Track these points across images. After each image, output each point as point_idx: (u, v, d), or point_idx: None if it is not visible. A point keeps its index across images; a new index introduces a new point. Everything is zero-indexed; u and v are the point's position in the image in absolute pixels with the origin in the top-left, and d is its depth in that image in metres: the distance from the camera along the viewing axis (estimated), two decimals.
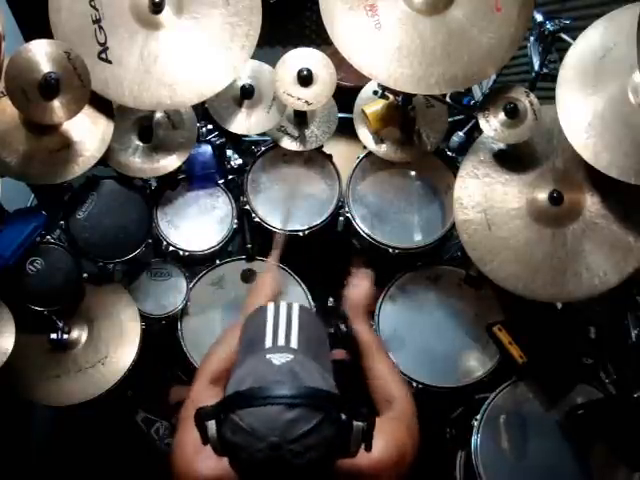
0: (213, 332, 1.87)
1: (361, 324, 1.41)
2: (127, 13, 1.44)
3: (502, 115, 1.49)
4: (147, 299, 1.82)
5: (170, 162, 1.67)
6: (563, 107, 1.39)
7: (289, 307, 0.99)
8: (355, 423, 0.85)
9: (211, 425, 0.85)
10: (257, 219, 1.84)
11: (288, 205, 1.86)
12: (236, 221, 1.84)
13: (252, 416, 0.81)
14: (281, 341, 0.93)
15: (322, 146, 1.85)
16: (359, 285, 1.53)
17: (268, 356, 0.89)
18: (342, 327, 1.46)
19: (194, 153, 1.75)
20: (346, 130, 1.83)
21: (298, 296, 1.89)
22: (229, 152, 1.91)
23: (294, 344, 0.93)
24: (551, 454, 1.59)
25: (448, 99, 2.03)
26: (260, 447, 0.80)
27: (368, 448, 0.88)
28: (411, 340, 1.80)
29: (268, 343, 0.93)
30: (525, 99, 1.49)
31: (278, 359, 0.88)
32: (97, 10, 1.41)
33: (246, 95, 1.74)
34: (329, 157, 1.89)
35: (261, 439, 0.80)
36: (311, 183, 1.90)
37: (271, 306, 1.00)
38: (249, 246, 1.92)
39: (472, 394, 1.77)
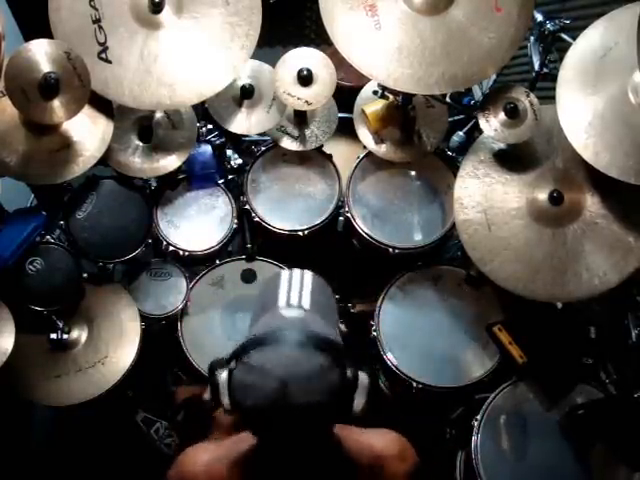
0: (213, 332, 1.87)
1: None
2: (127, 13, 1.44)
3: (502, 115, 1.49)
4: (147, 299, 1.82)
5: (170, 162, 1.67)
6: (563, 107, 1.39)
7: (302, 272, 1.02)
8: (360, 377, 0.87)
9: (223, 374, 0.88)
10: (257, 219, 1.84)
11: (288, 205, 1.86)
12: (236, 221, 1.84)
13: (263, 356, 0.85)
14: (294, 300, 0.96)
15: (322, 146, 1.85)
16: None
17: (280, 311, 0.93)
18: (342, 327, 1.46)
19: (194, 153, 1.75)
20: (346, 130, 1.83)
21: None
22: (229, 152, 1.91)
23: (306, 304, 0.95)
24: (551, 454, 1.59)
25: (448, 99, 2.03)
26: (268, 384, 0.82)
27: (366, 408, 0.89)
28: (411, 340, 1.80)
29: (281, 302, 0.96)
30: (525, 99, 1.49)
31: (290, 313, 0.92)
32: (97, 10, 1.42)
33: (246, 95, 1.74)
34: (329, 157, 1.89)
35: (270, 376, 0.82)
36: (311, 183, 1.90)
37: (285, 271, 1.03)
38: (249, 246, 1.92)
39: (472, 394, 1.77)
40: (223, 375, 0.89)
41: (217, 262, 1.89)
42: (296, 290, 0.98)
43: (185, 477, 1.00)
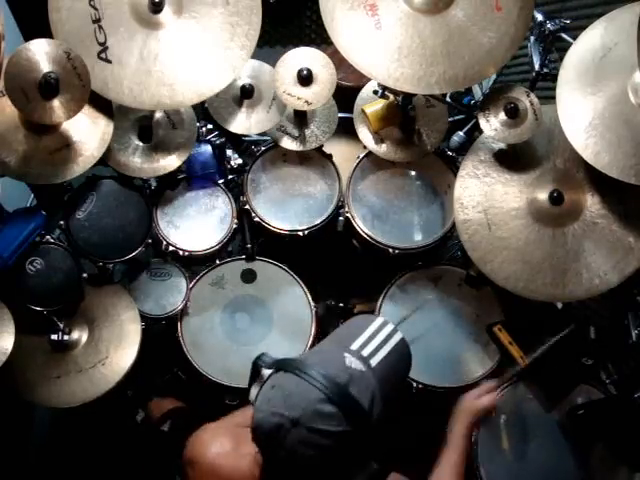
0: (213, 332, 1.87)
1: (461, 429, 1.38)
2: (127, 13, 1.44)
3: (502, 115, 1.49)
4: (147, 299, 1.82)
5: (170, 162, 1.67)
6: (563, 107, 1.38)
7: (393, 331, 0.99)
8: (369, 464, 0.88)
9: (265, 372, 0.92)
10: (257, 219, 1.84)
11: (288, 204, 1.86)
12: (236, 221, 1.84)
13: (296, 386, 0.86)
14: (365, 352, 0.94)
15: (322, 146, 1.85)
16: (483, 398, 1.47)
17: (346, 354, 0.92)
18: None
19: (194, 153, 1.75)
20: (346, 130, 1.83)
21: (298, 296, 1.89)
22: (229, 152, 1.91)
23: (374, 363, 0.93)
24: (551, 454, 1.59)
25: (448, 99, 2.03)
26: (282, 412, 0.84)
27: (383, 469, 0.91)
28: (411, 340, 1.79)
29: (354, 346, 0.94)
30: (525, 99, 1.49)
31: (351, 362, 0.90)
32: (97, 10, 1.41)
33: (246, 95, 1.74)
34: (329, 157, 1.89)
35: (288, 407, 0.84)
36: (311, 183, 1.90)
37: (379, 320, 1.01)
38: (249, 246, 1.92)
39: None
40: (265, 373, 0.92)
41: (217, 262, 1.89)
42: (376, 342, 0.96)
43: (194, 460, 1.04)
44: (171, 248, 1.79)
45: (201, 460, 1.04)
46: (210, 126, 1.87)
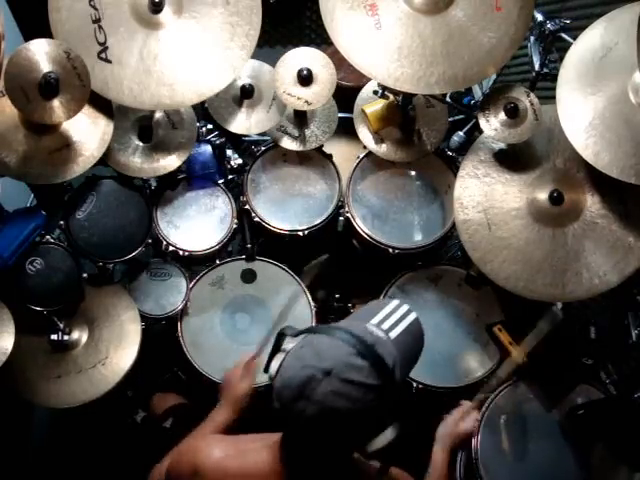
0: (213, 332, 1.87)
1: (442, 452, 1.38)
2: (127, 13, 1.44)
3: (502, 115, 1.49)
4: (147, 299, 1.82)
5: (170, 162, 1.67)
6: (563, 107, 1.38)
7: (408, 311, 1.02)
8: (394, 424, 0.90)
9: (289, 345, 0.95)
10: (257, 219, 1.84)
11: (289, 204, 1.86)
12: (236, 221, 1.84)
13: (326, 342, 0.90)
14: (385, 326, 0.97)
15: (322, 146, 1.85)
16: (463, 423, 1.49)
17: (367, 325, 0.95)
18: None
19: (194, 153, 1.75)
20: (346, 130, 1.83)
21: (298, 296, 1.89)
22: (229, 152, 1.91)
23: (393, 335, 0.96)
24: (551, 454, 1.59)
25: (448, 99, 2.03)
26: (313, 364, 0.87)
27: (382, 470, 0.93)
28: None
29: (374, 321, 0.97)
30: (525, 99, 1.49)
31: (373, 330, 0.94)
32: (97, 10, 1.41)
33: (246, 95, 1.74)
34: (329, 157, 1.89)
35: (320, 359, 0.87)
36: (311, 183, 1.90)
37: (395, 301, 1.04)
38: (249, 246, 1.92)
39: (472, 394, 1.77)
40: (290, 344, 0.95)
41: (217, 262, 1.89)
42: (393, 320, 0.98)
43: (199, 468, 1.03)
44: (171, 248, 1.79)
45: (207, 466, 1.03)
46: (210, 126, 1.87)
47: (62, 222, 1.62)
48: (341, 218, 1.92)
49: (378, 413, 0.89)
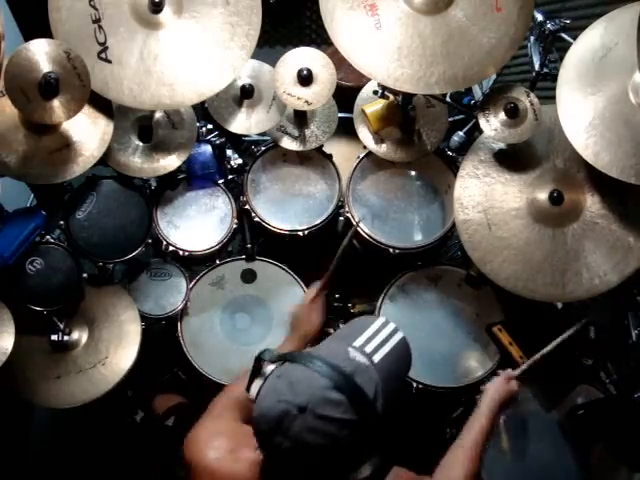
0: (213, 332, 1.87)
1: (490, 404, 1.38)
2: (127, 13, 1.44)
3: (502, 115, 1.49)
4: (147, 299, 1.82)
5: (170, 162, 1.67)
6: (563, 107, 1.38)
7: (394, 331, 1.01)
8: (372, 460, 0.89)
9: (268, 367, 0.93)
10: (257, 219, 1.84)
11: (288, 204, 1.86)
12: (236, 221, 1.84)
13: (302, 374, 0.88)
14: (368, 349, 0.95)
15: (322, 146, 1.85)
16: (512, 382, 1.47)
17: (349, 349, 0.93)
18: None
19: (194, 153, 1.75)
20: (346, 130, 1.83)
21: (298, 296, 1.88)
22: (229, 152, 1.91)
23: (376, 359, 0.94)
24: (551, 454, 1.59)
25: (448, 99, 2.03)
26: (288, 399, 0.85)
27: None
28: (411, 340, 1.77)
29: (357, 343, 0.96)
30: (525, 99, 1.49)
31: (355, 355, 0.92)
32: (97, 10, 1.41)
33: (246, 95, 1.74)
34: (329, 157, 1.89)
35: (295, 394, 0.85)
36: (311, 183, 1.90)
37: (381, 319, 1.02)
38: (249, 246, 1.92)
39: (472, 394, 1.77)
40: (269, 368, 0.93)
41: (217, 262, 1.89)
42: (378, 340, 0.97)
43: (192, 464, 1.05)
44: (171, 248, 1.79)
45: (199, 464, 1.04)
46: (210, 126, 1.87)
47: (62, 222, 1.62)
48: (341, 218, 1.92)
49: (355, 447, 0.87)
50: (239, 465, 1.03)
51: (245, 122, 1.75)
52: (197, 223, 1.83)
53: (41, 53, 1.28)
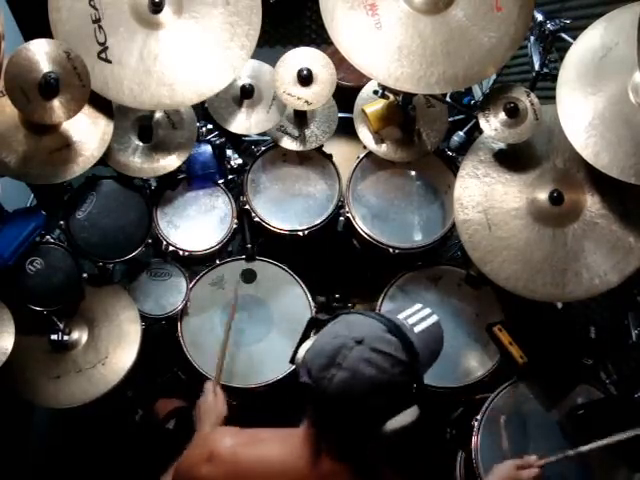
0: (213, 332, 1.87)
1: None
2: (127, 13, 1.44)
3: (502, 115, 1.49)
4: (147, 299, 1.82)
5: (170, 162, 1.67)
6: (563, 107, 1.38)
7: (430, 313, 1.09)
8: (413, 408, 0.95)
9: (323, 315, 1.02)
10: (257, 219, 1.84)
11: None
12: (236, 221, 1.84)
13: (358, 318, 0.97)
14: (411, 321, 1.03)
15: (322, 146, 1.85)
16: (525, 471, 1.30)
17: (397, 316, 1.02)
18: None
19: (194, 153, 1.75)
20: (346, 130, 1.83)
21: (298, 296, 1.88)
22: (229, 152, 1.91)
23: (417, 330, 1.02)
24: (551, 454, 1.59)
25: (448, 99, 2.03)
26: (345, 334, 0.91)
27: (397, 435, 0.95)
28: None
29: (402, 315, 1.04)
30: (525, 99, 1.49)
31: (402, 320, 1.01)
32: (97, 10, 1.41)
33: (246, 95, 1.74)
34: (329, 157, 1.89)
35: (352, 330, 0.92)
36: (311, 183, 1.90)
37: (417, 304, 1.10)
38: (249, 246, 1.92)
39: (472, 394, 1.77)
40: (324, 316, 1.02)
41: (217, 262, 1.89)
42: (417, 317, 1.05)
43: (214, 455, 1.04)
44: (171, 248, 1.79)
45: (222, 452, 1.04)
46: (210, 126, 1.87)
47: (62, 222, 1.62)
48: (341, 218, 1.92)
49: (402, 389, 0.92)
50: (260, 447, 1.05)
51: (245, 122, 1.75)
52: (197, 223, 1.83)
53: (41, 53, 1.28)
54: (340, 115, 1.82)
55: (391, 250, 1.78)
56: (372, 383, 0.88)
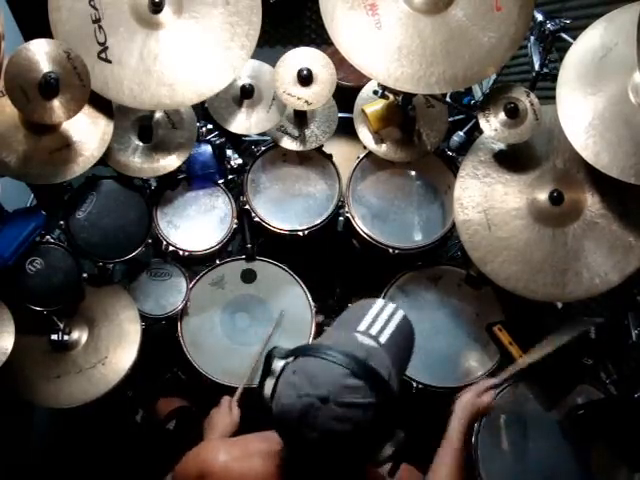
0: (213, 332, 1.87)
1: (460, 424, 1.33)
2: (127, 13, 1.44)
3: (502, 115, 1.49)
4: (147, 299, 1.82)
5: (170, 162, 1.67)
6: (563, 107, 1.38)
7: (395, 309, 1.01)
8: (397, 432, 0.90)
9: (279, 363, 0.93)
10: (257, 219, 1.84)
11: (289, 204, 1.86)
12: (236, 221, 1.84)
13: (318, 366, 0.88)
14: (373, 331, 0.96)
15: (322, 146, 1.85)
16: (483, 396, 1.37)
17: (356, 334, 0.95)
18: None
19: (194, 153, 1.75)
20: (346, 130, 1.83)
21: (298, 296, 1.89)
22: (229, 152, 1.90)
23: (383, 340, 0.95)
24: (551, 454, 1.59)
25: (448, 99, 2.03)
26: (309, 392, 0.85)
27: (392, 471, 0.93)
28: None
29: (361, 327, 0.97)
30: (525, 99, 1.49)
31: (363, 339, 0.93)
32: (97, 10, 1.41)
33: (246, 95, 1.74)
34: (329, 157, 1.89)
35: (315, 386, 0.85)
36: (311, 183, 1.90)
37: (380, 301, 1.03)
38: (249, 246, 1.92)
39: None
40: (279, 364, 0.93)
41: (217, 262, 1.89)
42: (380, 323, 0.98)
43: (205, 471, 1.03)
44: (171, 248, 1.79)
45: (213, 470, 1.03)
46: (210, 126, 1.87)
47: (62, 222, 1.62)
48: (341, 218, 1.92)
49: (381, 427, 0.88)
50: (253, 460, 1.03)
51: (245, 122, 1.75)
52: (197, 223, 1.83)
53: (41, 53, 1.28)
54: (340, 115, 1.82)
55: (391, 250, 1.78)
56: (347, 436, 0.85)
